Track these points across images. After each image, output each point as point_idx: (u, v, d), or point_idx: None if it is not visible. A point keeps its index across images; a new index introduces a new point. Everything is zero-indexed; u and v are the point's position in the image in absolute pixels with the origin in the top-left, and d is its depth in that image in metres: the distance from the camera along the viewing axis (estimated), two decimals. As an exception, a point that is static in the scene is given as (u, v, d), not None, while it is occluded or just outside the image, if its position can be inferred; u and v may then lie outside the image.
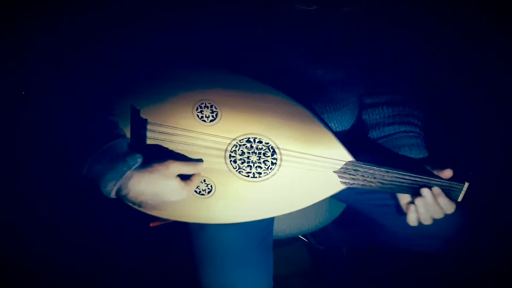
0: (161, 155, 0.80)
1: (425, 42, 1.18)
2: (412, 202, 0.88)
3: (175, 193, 0.79)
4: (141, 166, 0.76)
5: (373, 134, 1.00)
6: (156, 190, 0.77)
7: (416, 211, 0.87)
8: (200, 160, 0.83)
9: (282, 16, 0.86)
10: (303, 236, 1.49)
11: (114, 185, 0.75)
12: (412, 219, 0.87)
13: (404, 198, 0.90)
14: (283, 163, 0.84)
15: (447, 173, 0.86)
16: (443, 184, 0.85)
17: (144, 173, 0.76)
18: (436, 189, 0.85)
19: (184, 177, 0.80)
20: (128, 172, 0.75)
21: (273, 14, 0.86)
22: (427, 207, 0.85)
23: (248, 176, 0.84)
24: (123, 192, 0.76)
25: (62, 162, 0.95)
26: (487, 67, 1.27)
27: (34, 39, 0.81)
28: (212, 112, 0.81)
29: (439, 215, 0.86)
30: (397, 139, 0.97)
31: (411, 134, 0.96)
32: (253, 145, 0.83)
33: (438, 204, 0.85)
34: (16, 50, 0.83)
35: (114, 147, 0.76)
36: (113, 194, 0.76)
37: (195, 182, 0.82)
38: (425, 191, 0.85)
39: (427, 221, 0.87)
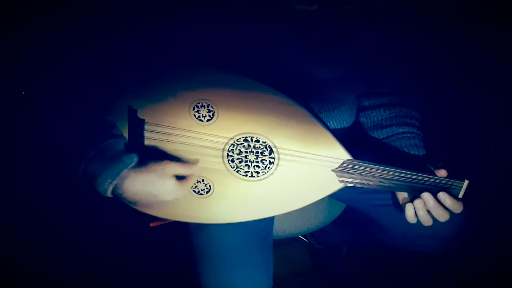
0: (158, 155, 0.80)
1: (424, 42, 1.18)
2: (411, 201, 0.86)
3: (171, 193, 0.79)
4: (137, 165, 0.76)
5: (371, 136, 1.00)
6: (152, 189, 0.77)
7: (416, 212, 0.85)
8: (196, 161, 0.83)
9: (279, 15, 0.86)
10: (303, 236, 1.49)
11: (110, 183, 0.75)
12: (410, 216, 0.86)
13: (402, 194, 0.89)
14: (281, 162, 0.84)
15: (442, 173, 0.84)
16: (442, 182, 0.84)
17: (141, 173, 0.76)
18: (442, 195, 0.82)
19: (180, 177, 0.81)
20: (125, 171, 0.75)
21: (270, 12, 0.86)
22: (430, 210, 0.84)
23: (246, 175, 0.84)
24: (119, 191, 0.76)
25: (61, 161, 0.95)
26: (486, 67, 1.27)
27: (33, 39, 0.81)
28: (209, 111, 0.81)
29: (444, 218, 0.84)
30: (395, 140, 0.96)
31: (409, 135, 0.96)
32: (250, 144, 0.83)
33: (443, 206, 0.83)
34: (16, 50, 0.84)
35: (110, 146, 0.76)
36: (109, 193, 0.76)
37: (190, 182, 0.82)
38: (426, 195, 0.83)
39: (428, 222, 0.85)
